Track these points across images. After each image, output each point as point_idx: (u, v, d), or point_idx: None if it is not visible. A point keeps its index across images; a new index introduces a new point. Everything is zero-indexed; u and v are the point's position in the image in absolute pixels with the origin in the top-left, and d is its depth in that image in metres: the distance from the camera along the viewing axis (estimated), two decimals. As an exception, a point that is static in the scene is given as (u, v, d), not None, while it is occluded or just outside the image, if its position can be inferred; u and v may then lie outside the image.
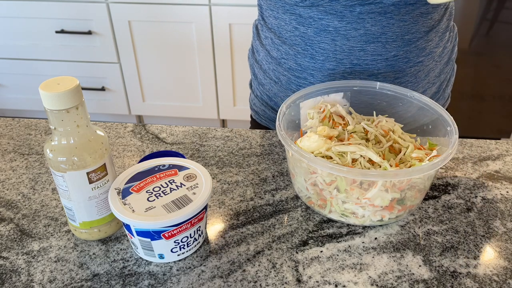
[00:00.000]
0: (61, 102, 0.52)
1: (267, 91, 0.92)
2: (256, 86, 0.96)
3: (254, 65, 0.95)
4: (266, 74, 0.90)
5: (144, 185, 0.59)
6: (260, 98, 0.95)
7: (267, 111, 0.94)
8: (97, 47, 2.06)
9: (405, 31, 0.78)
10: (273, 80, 0.89)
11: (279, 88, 0.89)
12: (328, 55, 0.79)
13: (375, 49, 0.78)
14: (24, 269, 0.59)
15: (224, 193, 0.70)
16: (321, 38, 0.78)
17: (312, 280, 0.57)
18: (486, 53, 1.94)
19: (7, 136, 0.84)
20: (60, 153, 0.55)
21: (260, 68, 0.92)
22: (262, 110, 0.95)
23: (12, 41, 2.10)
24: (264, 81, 0.92)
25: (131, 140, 0.83)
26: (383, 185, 0.59)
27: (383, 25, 0.76)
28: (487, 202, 0.69)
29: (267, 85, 0.91)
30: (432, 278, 0.57)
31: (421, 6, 0.76)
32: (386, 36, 0.77)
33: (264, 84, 0.92)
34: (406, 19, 0.77)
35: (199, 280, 0.57)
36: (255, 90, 0.97)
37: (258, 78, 0.94)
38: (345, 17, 0.75)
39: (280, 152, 0.79)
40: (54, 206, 0.68)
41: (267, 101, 0.94)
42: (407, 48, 0.80)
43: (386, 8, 0.74)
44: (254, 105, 0.99)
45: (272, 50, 0.86)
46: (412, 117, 0.73)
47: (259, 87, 0.94)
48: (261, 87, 0.94)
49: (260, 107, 0.96)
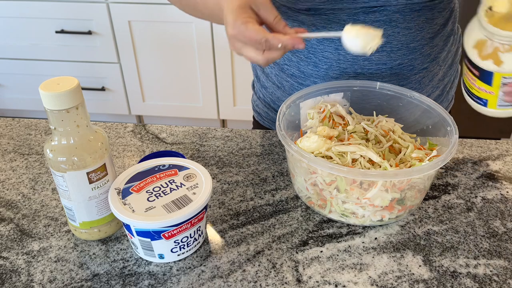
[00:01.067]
0: (61, 102, 0.52)
1: (270, 94, 0.91)
2: (258, 88, 0.95)
3: (256, 67, 0.95)
4: (269, 78, 0.90)
5: (144, 185, 0.59)
6: (263, 100, 0.95)
7: (270, 113, 0.94)
8: (97, 47, 2.06)
9: (410, 39, 0.77)
10: (276, 85, 0.88)
11: (282, 93, 0.88)
12: (332, 64, 0.78)
13: (380, 58, 0.77)
14: (24, 269, 0.59)
15: (224, 193, 0.70)
16: (324, 46, 0.77)
17: (312, 280, 0.57)
18: (486, 53, 1.93)
19: (7, 136, 0.84)
20: (60, 153, 0.55)
21: (263, 71, 0.91)
22: (265, 112, 0.95)
23: (12, 41, 2.10)
24: (267, 84, 0.91)
25: (131, 140, 0.83)
26: (383, 185, 0.59)
27: (388, 34, 0.75)
28: (487, 202, 0.69)
29: (270, 89, 0.91)
30: (432, 278, 0.57)
31: (426, 11, 0.75)
32: (391, 45, 0.76)
33: (267, 87, 0.91)
34: (411, 27, 0.76)
35: (199, 280, 0.57)
36: (258, 91, 0.96)
37: (261, 81, 0.93)
38: None
39: (280, 152, 0.79)
40: (54, 206, 0.68)
41: (270, 103, 0.93)
42: (412, 56, 0.79)
43: (391, 16, 0.73)
44: (257, 107, 0.98)
45: None
46: (412, 117, 0.73)
47: (262, 89, 0.94)
48: (264, 89, 0.93)
49: (263, 109, 0.95)
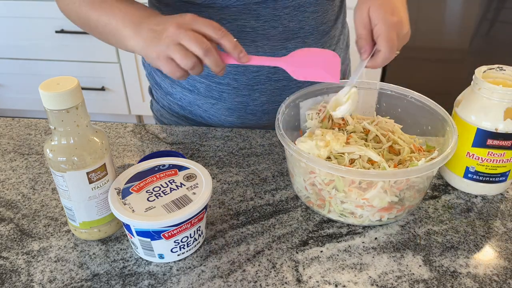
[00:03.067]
0: (61, 102, 0.52)
1: (178, 100, 0.88)
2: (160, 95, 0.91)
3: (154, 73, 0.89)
4: (175, 83, 0.86)
5: (144, 185, 0.59)
6: (168, 108, 0.91)
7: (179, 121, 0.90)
8: (97, 47, 2.06)
9: (319, 22, 0.79)
10: (187, 89, 0.85)
11: (195, 96, 0.85)
12: None
13: (296, 45, 0.78)
14: (24, 269, 0.59)
15: (224, 193, 0.70)
16: (240, 40, 0.73)
17: (312, 280, 0.57)
18: (486, 53, 1.94)
19: (7, 136, 0.84)
20: (60, 153, 0.55)
21: (166, 77, 0.87)
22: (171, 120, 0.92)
23: (12, 41, 2.10)
24: (172, 90, 0.87)
25: (131, 140, 0.83)
26: (382, 187, 0.59)
27: (299, 20, 0.76)
28: (487, 202, 0.68)
29: (177, 94, 0.87)
30: (432, 278, 0.57)
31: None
32: (304, 30, 0.78)
33: (173, 93, 0.87)
34: (318, 10, 0.78)
35: (199, 280, 0.57)
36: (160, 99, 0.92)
37: (163, 87, 0.89)
38: (260, 15, 0.74)
39: (280, 152, 0.79)
40: (54, 206, 0.68)
41: (178, 111, 0.89)
42: (324, 40, 0.81)
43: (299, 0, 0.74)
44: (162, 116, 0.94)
45: None
46: (412, 117, 0.73)
47: (166, 97, 0.90)
48: (169, 96, 0.89)
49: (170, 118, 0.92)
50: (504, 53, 1.93)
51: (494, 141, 0.64)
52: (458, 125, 0.66)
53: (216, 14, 0.74)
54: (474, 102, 0.65)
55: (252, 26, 0.75)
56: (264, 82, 0.81)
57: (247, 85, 0.81)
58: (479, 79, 0.64)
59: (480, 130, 0.64)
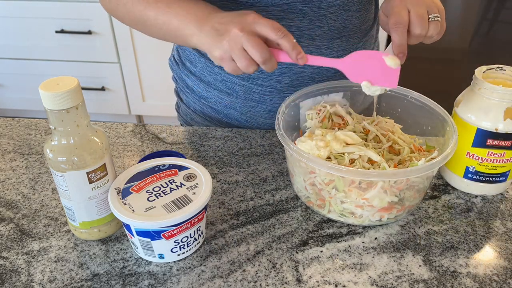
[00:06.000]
0: (61, 102, 0.52)
1: (213, 104, 0.86)
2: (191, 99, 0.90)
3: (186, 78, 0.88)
4: (211, 87, 0.85)
5: (144, 185, 0.59)
6: (200, 112, 0.90)
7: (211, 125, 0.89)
8: (97, 47, 2.06)
9: (362, 20, 0.79)
10: (225, 92, 0.84)
11: (233, 99, 0.84)
12: None
13: (340, 44, 0.78)
14: (24, 269, 0.59)
15: (224, 193, 0.70)
16: None
17: (312, 280, 0.57)
18: (486, 53, 1.94)
19: (7, 136, 0.84)
20: (60, 153, 0.55)
21: (201, 81, 0.86)
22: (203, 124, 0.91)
23: (12, 41, 2.10)
24: (207, 95, 0.86)
25: (131, 140, 0.83)
26: (382, 187, 0.59)
27: (343, 18, 0.76)
28: (487, 202, 0.69)
29: (212, 98, 0.86)
30: (432, 278, 0.57)
31: None
32: (348, 29, 0.78)
33: (208, 97, 0.86)
34: (361, 9, 0.78)
35: (199, 280, 0.57)
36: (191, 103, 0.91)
37: (195, 91, 0.88)
38: (306, 15, 0.74)
39: (280, 152, 0.79)
40: (54, 206, 0.68)
41: (212, 114, 0.88)
42: (366, 39, 0.82)
43: None
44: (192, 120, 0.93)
45: None
46: (412, 117, 0.73)
47: (199, 100, 0.88)
48: (202, 100, 0.88)
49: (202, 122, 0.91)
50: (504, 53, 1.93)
51: (494, 141, 0.64)
52: (458, 125, 0.66)
53: (261, 13, 0.73)
54: (474, 102, 0.65)
55: (297, 26, 0.75)
56: (307, 82, 0.80)
57: (290, 87, 0.81)
58: (479, 79, 0.64)
59: (480, 130, 0.64)
